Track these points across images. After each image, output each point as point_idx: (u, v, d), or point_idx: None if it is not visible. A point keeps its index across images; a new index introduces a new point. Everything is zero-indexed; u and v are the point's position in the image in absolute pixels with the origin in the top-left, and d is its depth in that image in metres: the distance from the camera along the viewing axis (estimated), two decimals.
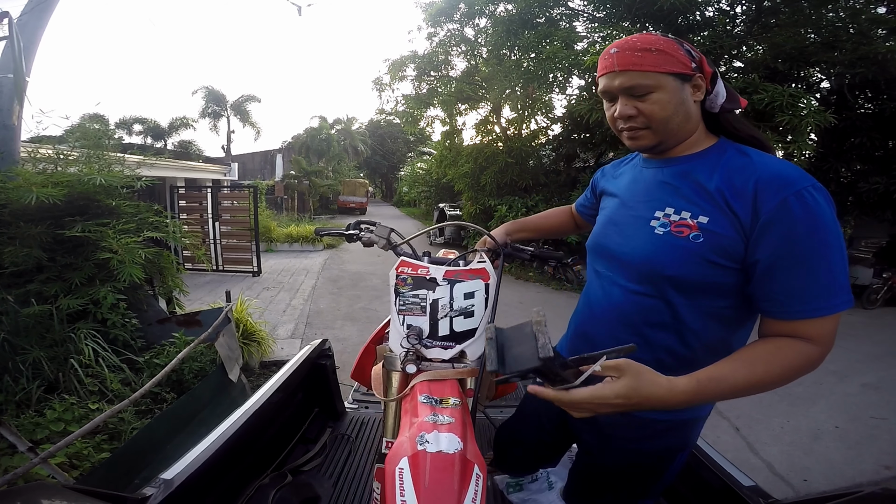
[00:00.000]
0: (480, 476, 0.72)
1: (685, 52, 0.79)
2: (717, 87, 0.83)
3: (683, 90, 0.79)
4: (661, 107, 0.78)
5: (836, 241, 0.68)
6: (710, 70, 0.81)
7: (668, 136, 0.81)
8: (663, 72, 0.77)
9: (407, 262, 1.10)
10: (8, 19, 2.85)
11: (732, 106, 0.84)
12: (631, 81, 0.78)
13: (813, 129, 6.50)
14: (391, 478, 0.70)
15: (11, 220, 2.61)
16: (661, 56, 0.77)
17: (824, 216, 0.68)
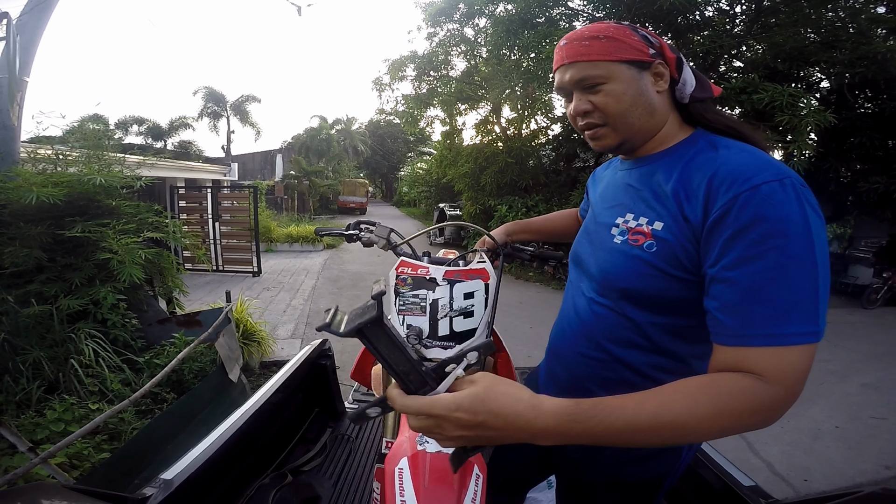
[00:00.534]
0: (480, 476, 0.72)
1: (640, 37, 0.71)
2: (684, 74, 0.73)
3: (641, 80, 0.70)
4: (616, 99, 0.70)
5: (804, 252, 0.54)
6: (672, 56, 0.72)
7: (630, 132, 0.73)
8: (614, 60, 0.69)
9: (407, 263, 1.10)
10: (6, 20, 2.85)
11: (703, 94, 0.74)
12: (580, 73, 0.71)
13: (813, 128, 6.50)
14: (391, 478, 0.70)
15: (11, 220, 2.61)
16: (611, 43, 0.70)
17: (789, 218, 0.54)
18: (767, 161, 0.60)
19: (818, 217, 0.57)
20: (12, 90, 3.06)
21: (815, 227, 0.55)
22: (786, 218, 0.54)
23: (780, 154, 7.43)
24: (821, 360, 4.73)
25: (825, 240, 0.57)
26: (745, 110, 7.11)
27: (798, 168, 6.54)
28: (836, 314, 7.12)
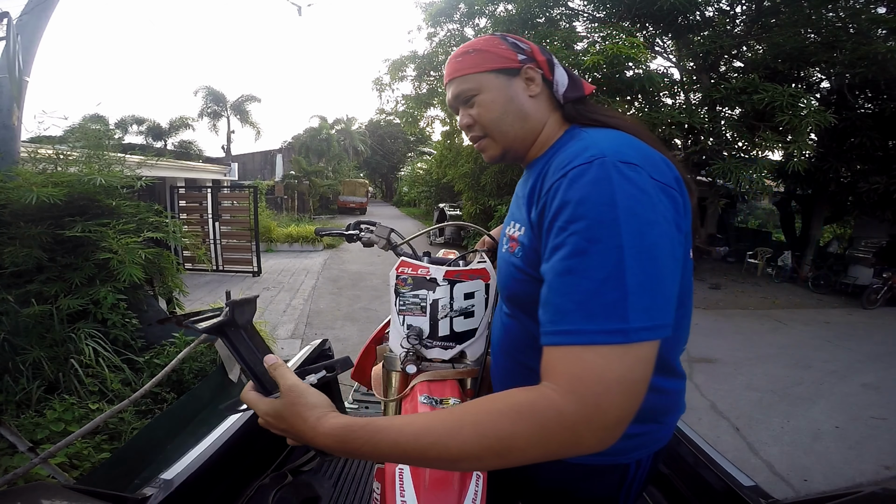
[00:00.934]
0: (480, 476, 0.72)
1: (509, 45, 0.72)
2: (556, 74, 0.73)
3: (511, 87, 0.70)
4: (487, 108, 0.71)
5: (608, 235, 0.47)
6: (543, 58, 0.72)
7: (507, 141, 0.72)
8: (482, 71, 0.70)
9: (407, 263, 1.10)
10: (7, 20, 2.85)
11: (576, 93, 0.72)
12: (457, 89, 0.73)
13: (813, 129, 6.51)
14: (391, 478, 0.70)
15: (11, 220, 2.61)
16: (479, 55, 0.71)
17: (590, 198, 0.49)
18: (593, 145, 0.55)
19: (639, 195, 0.49)
20: (13, 90, 3.07)
21: (627, 205, 0.48)
22: (587, 199, 0.49)
23: (779, 155, 7.44)
24: (821, 361, 4.73)
25: (651, 220, 0.48)
26: (745, 110, 7.12)
27: (798, 168, 6.57)
28: (836, 314, 7.13)
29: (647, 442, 0.69)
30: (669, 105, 7.88)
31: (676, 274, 0.52)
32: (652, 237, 0.48)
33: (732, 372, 4.36)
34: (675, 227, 0.53)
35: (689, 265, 0.63)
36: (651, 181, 0.52)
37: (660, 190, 0.52)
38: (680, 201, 0.56)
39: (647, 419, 0.67)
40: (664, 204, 0.52)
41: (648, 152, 0.57)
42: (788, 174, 7.92)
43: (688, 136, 7.73)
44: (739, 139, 7.28)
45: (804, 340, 5.55)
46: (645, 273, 0.46)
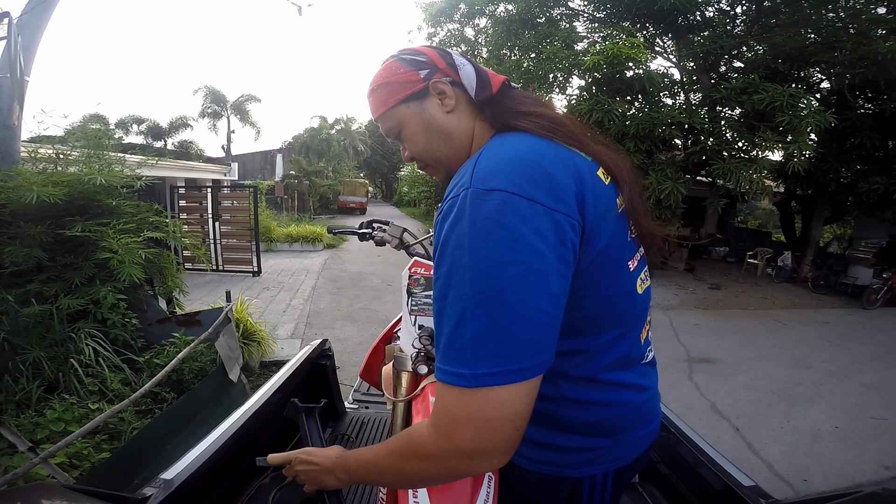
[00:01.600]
0: (492, 477, 0.72)
1: (407, 65, 0.67)
2: (462, 76, 0.67)
3: (424, 111, 0.67)
4: (412, 142, 0.69)
5: (460, 286, 0.48)
6: (444, 63, 0.67)
7: (444, 164, 0.70)
8: (392, 106, 0.68)
9: (420, 263, 1.10)
10: (7, 20, 2.85)
11: (485, 93, 0.67)
12: (383, 128, 0.71)
13: (813, 129, 6.51)
14: None
15: (11, 219, 2.61)
16: (384, 90, 0.68)
17: (455, 243, 0.49)
18: (471, 168, 0.53)
19: (493, 233, 0.48)
20: (14, 90, 3.06)
21: (476, 248, 0.48)
22: (447, 241, 0.50)
23: (779, 155, 7.45)
24: (821, 361, 4.73)
25: (504, 261, 0.47)
26: (745, 110, 7.13)
27: (798, 168, 6.57)
28: (836, 314, 7.13)
29: (600, 458, 0.66)
30: (669, 105, 7.88)
31: (543, 311, 0.48)
32: (503, 282, 0.47)
33: (732, 372, 4.36)
34: (550, 257, 0.49)
35: (626, 278, 0.61)
36: (519, 209, 0.48)
37: (531, 217, 0.48)
38: (568, 224, 0.51)
39: (593, 433, 0.65)
40: (532, 235, 0.48)
41: (537, 164, 0.53)
42: (788, 174, 7.92)
43: (688, 137, 7.72)
44: (739, 139, 7.28)
45: (804, 340, 5.55)
46: (491, 320, 0.46)
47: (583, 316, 0.58)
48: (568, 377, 0.62)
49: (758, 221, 18.62)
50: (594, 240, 0.54)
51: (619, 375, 0.65)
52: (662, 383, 0.75)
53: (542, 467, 0.67)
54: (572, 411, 0.63)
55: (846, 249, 10.01)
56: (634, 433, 0.68)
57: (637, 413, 0.68)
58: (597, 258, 0.55)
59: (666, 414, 1.26)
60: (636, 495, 1.25)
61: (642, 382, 0.69)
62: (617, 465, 0.68)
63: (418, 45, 0.72)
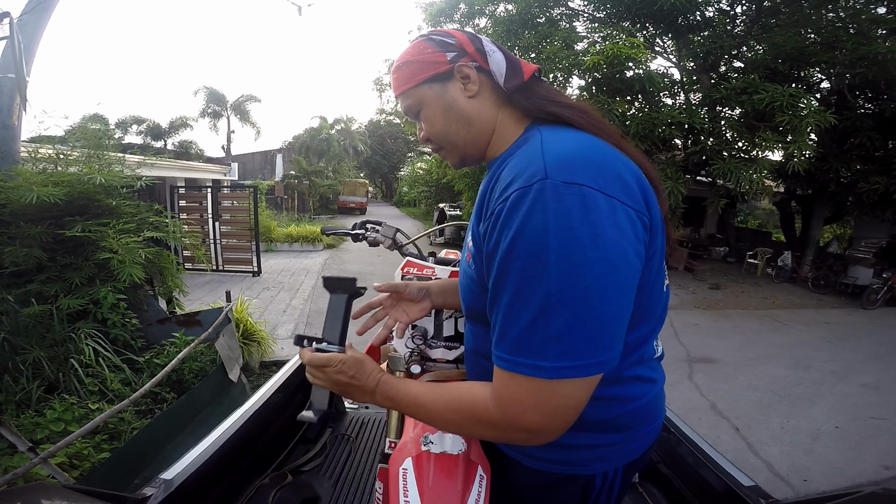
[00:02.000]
0: (484, 477, 0.72)
1: (436, 45, 0.67)
2: (491, 63, 0.66)
3: (446, 93, 0.66)
4: (431, 122, 0.69)
5: (539, 283, 0.48)
6: (474, 48, 0.66)
7: (459, 148, 0.70)
8: (415, 85, 0.67)
9: (413, 263, 1.10)
10: (9, 19, 2.85)
11: (516, 80, 0.66)
12: (403, 105, 0.71)
13: (813, 129, 6.51)
14: (395, 478, 0.70)
15: (11, 219, 2.61)
16: (409, 68, 0.67)
17: (532, 238, 0.48)
18: (538, 158, 0.52)
19: (578, 229, 0.47)
20: (17, 90, 3.06)
21: (560, 245, 0.47)
22: (522, 234, 0.49)
23: (779, 155, 7.44)
24: (821, 361, 4.73)
25: (588, 259, 0.47)
26: (745, 110, 7.13)
27: (798, 168, 6.57)
28: (836, 314, 7.13)
29: (611, 454, 0.67)
30: (669, 105, 7.88)
31: (621, 306, 0.50)
32: (586, 280, 0.47)
33: (732, 372, 4.36)
34: (629, 253, 0.50)
35: (660, 276, 0.61)
36: (600, 205, 0.48)
37: (610, 213, 0.49)
38: (639, 220, 0.52)
39: (605, 430, 0.65)
40: (613, 231, 0.49)
41: (605, 160, 0.53)
42: (788, 174, 7.92)
43: (688, 137, 7.72)
44: (739, 139, 7.28)
45: (804, 340, 5.55)
46: (574, 317, 0.48)
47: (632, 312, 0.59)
48: None
49: (758, 221, 18.63)
50: (655, 238, 0.56)
51: (639, 370, 0.66)
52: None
53: (552, 466, 0.67)
54: (588, 409, 0.62)
55: (846, 249, 10.01)
56: (644, 427, 0.68)
57: (649, 407, 0.68)
58: (654, 256, 0.57)
59: (666, 414, 1.26)
60: (636, 495, 1.25)
61: (655, 376, 0.70)
62: (626, 459, 0.69)
63: (450, 28, 0.71)
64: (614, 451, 0.67)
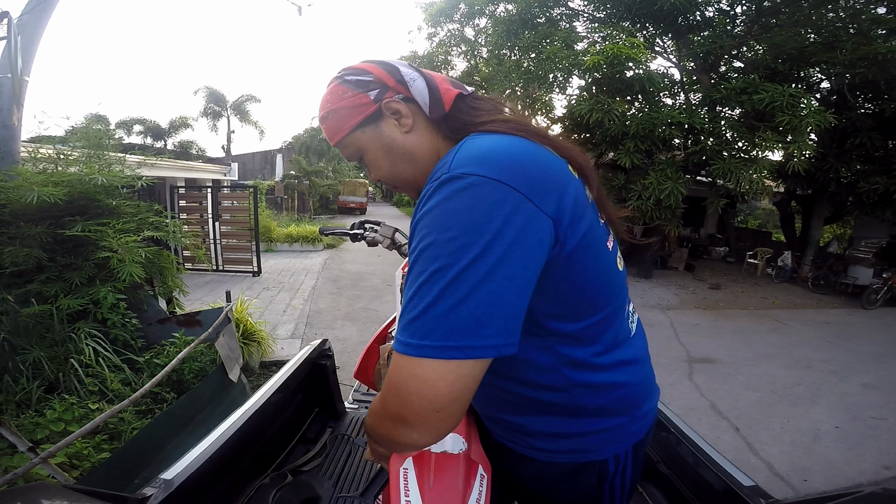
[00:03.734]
0: (485, 476, 0.72)
1: (354, 86, 0.64)
2: (414, 91, 0.64)
3: (382, 134, 0.64)
4: (376, 167, 0.67)
5: (423, 262, 0.48)
6: (394, 79, 0.64)
7: (413, 184, 0.68)
8: (347, 133, 0.65)
9: None
10: (7, 20, 2.85)
11: (438, 112, 0.64)
12: (343, 154, 0.69)
13: (813, 129, 6.51)
14: (395, 477, 0.70)
15: (11, 220, 2.61)
16: (335, 116, 0.65)
17: (427, 219, 0.50)
18: (446, 163, 0.52)
19: (459, 214, 0.48)
20: (13, 90, 3.06)
21: (439, 227, 0.48)
22: (418, 223, 0.51)
23: (779, 155, 7.44)
24: (821, 361, 4.73)
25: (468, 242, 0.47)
26: (745, 110, 7.13)
27: (798, 168, 6.57)
28: (836, 314, 7.13)
29: (618, 437, 0.68)
30: (669, 105, 7.88)
31: (498, 293, 0.47)
32: (462, 261, 0.47)
33: (732, 372, 4.36)
34: (515, 242, 0.48)
35: (601, 258, 0.60)
36: (488, 192, 0.48)
37: (499, 200, 0.48)
38: (542, 209, 0.50)
39: (608, 413, 0.66)
40: (497, 218, 0.48)
41: (511, 153, 0.52)
42: (788, 174, 7.92)
43: (688, 137, 7.72)
44: (739, 139, 7.28)
45: (804, 340, 5.55)
46: (443, 296, 0.47)
47: (579, 298, 0.59)
48: (574, 363, 0.62)
49: (758, 221, 18.62)
50: (576, 227, 0.55)
51: (620, 353, 0.66)
52: (662, 383, 0.75)
53: (563, 457, 0.68)
54: (587, 397, 0.64)
55: (846, 249, 10.01)
56: (644, 406, 0.70)
57: (643, 386, 0.70)
58: (581, 243, 0.55)
59: (666, 414, 1.26)
60: (636, 495, 1.25)
61: (638, 355, 0.70)
62: (633, 440, 0.70)
63: (362, 62, 0.68)
64: (619, 433, 0.68)
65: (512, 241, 0.48)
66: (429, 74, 0.67)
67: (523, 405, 0.67)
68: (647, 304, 7.14)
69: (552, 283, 0.55)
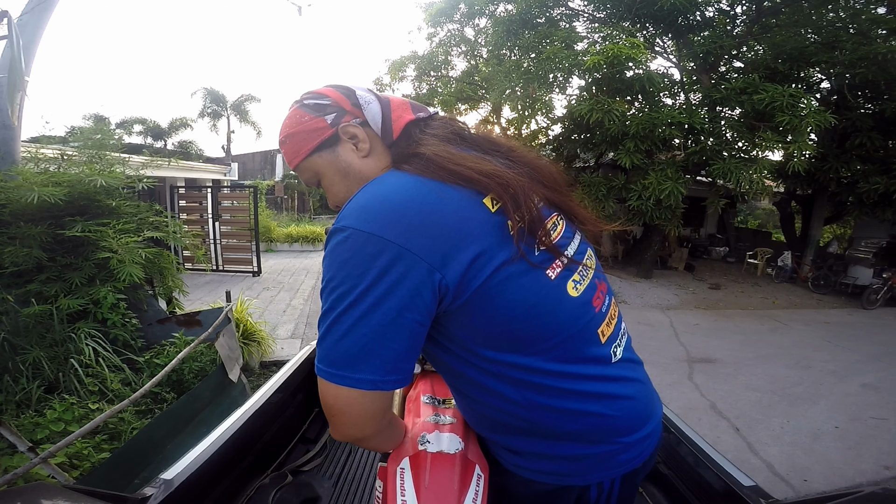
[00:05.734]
0: (482, 476, 0.72)
1: (311, 110, 0.66)
2: (368, 114, 0.66)
3: (338, 158, 0.66)
4: (333, 192, 0.69)
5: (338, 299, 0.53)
6: (350, 102, 0.65)
7: None
8: (304, 157, 0.67)
9: None
10: (7, 19, 2.85)
11: (387, 139, 0.66)
12: (302, 178, 0.72)
13: (813, 129, 6.51)
14: (392, 477, 0.71)
15: (12, 220, 2.61)
16: (293, 140, 0.66)
17: (325, 261, 0.55)
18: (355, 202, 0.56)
19: (339, 266, 0.53)
20: (13, 90, 3.06)
21: (328, 278, 0.55)
22: (322, 264, 0.57)
23: (779, 155, 7.44)
24: (821, 361, 4.73)
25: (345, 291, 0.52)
26: (745, 110, 7.12)
27: (798, 168, 6.57)
28: (836, 314, 7.13)
29: (602, 463, 0.65)
30: (670, 105, 7.88)
31: (365, 333, 0.52)
32: (352, 314, 0.52)
33: (732, 372, 4.36)
34: (380, 289, 0.51)
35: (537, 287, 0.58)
36: (358, 245, 0.52)
37: (371, 253, 0.51)
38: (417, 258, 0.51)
39: (586, 440, 0.64)
40: (388, 277, 0.51)
41: (395, 203, 0.53)
42: (788, 174, 7.92)
43: (688, 137, 7.72)
44: (739, 139, 7.28)
45: (804, 340, 5.55)
46: (333, 333, 0.53)
47: (505, 330, 0.57)
48: (533, 387, 0.61)
49: (758, 221, 18.62)
50: (484, 265, 0.54)
51: (589, 382, 0.63)
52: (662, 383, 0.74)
53: (545, 477, 0.66)
54: (553, 421, 0.62)
55: (846, 249, 10.00)
56: (631, 435, 0.66)
57: (627, 415, 0.66)
58: (486, 284, 0.55)
59: (666, 414, 1.25)
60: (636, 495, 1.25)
61: (620, 387, 0.66)
62: (623, 469, 0.67)
63: (323, 87, 0.68)
64: (606, 461, 0.65)
65: (385, 291, 0.51)
66: (387, 99, 0.68)
67: (501, 426, 0.67)
68: (648, 304, 7.14)
69: (468, 317, 0.56)
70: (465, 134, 0.67)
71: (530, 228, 0.58)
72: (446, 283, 0.53)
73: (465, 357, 0.61)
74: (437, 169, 0.58)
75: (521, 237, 0.57)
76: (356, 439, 0.59)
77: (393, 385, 0.54)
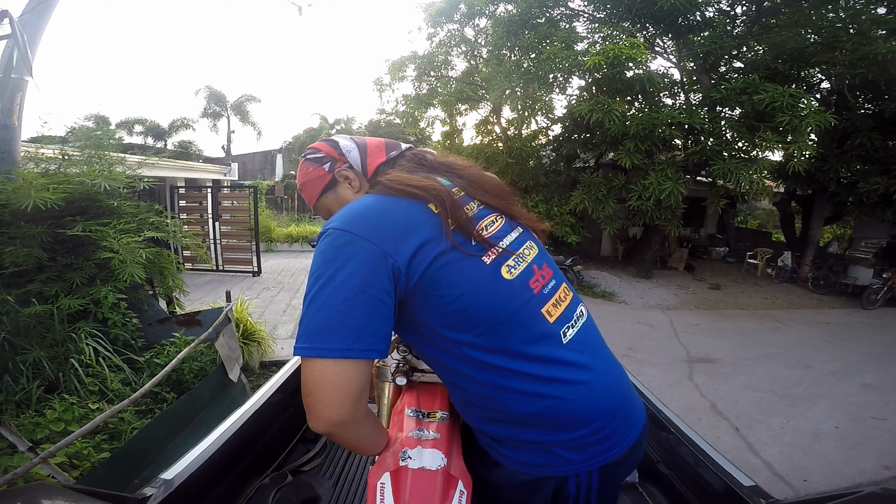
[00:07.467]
0: (465, 492, 0.71)
1: (313, 163, 0.84)
2: (352, 160, 0.84)
3: (339, 196, 0.83)
4: None
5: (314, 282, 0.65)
6: (337, 152, 0.83)
7: None
8: (318, 198, 0.85)
9: None
10: (9, 18, 2.85)
11: (365, 175, 0.84)
12: (319, 214, 0.87)
13: (813, 129, 6.51)
14: (372, 492, 0.71)
15: (12, 220, 2.61)
16: (308, 187, 0.85)
17: (314, 255, 0.68)
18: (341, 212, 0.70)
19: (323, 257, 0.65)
20: (12, 90, 3.06)
21: (313, 267, 0.66)
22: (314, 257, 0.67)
23: (779, 155, 7.44)
24: (821, 361, 4.73)
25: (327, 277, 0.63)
26: (745, 111, 7.13)
27: (798, 168, 6.57)
28: (836, 314, 7.13)
29: (577, 453, 0.69)
30: (670, 105, 7.88)
31: (344, 311, 0.62)
32: (326, 289, 0.63)
33: (732, 372, 4.36)
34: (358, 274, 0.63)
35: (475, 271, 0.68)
36: (339, 239, 0.65)
37: (348, 245, 0.64)
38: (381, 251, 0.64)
39: (553, 426, 0.68)
40: (345, 257, 0.64)
41: (365, 211, 0.68)
42: (788, 174, 7.92)
43: (688, 137, 7.72)
44: (739, 139, 7.28)
45: (804, 340, 5.55)
46: (316, 313, 0.62)
47: (455, 309, 0.67)
48: (489, 366, 0.68)
49: (758, 221, 18.61)
50: (426, 253, 0.66)
51: (537, 366, 0.69)
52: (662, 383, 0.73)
53: (525, 468, 0.71)
54: (513, 402, 0.69)
55: (846, 249, 10.00)
56: (594, 423, 0.70)
57: (584, 401, 0.70)
58: (434, 265, 0.66)
59: (666, 414, 1.26)
60: (636, 495, 1.25)
61: (567, 371, 0.70)
62: (599, 461, 0.71)
63: (317, 142, 0.88)
64: (577, 450, 0.69)
65: (350, 271, 0.63)
66: (364, 144, 0.85)
67: (479, 412, 0.73)
68: (648, 305, 7.14)
69: (424, 299, 0.67)
70: (425, 161, 0.84)
71: (462, 225, 0.71)
72: (398, 265, 0.65)
73: (434, 341, 0.70)
74: (390, 189, 0.74)
75: (458, 232, 0.70)
76: (332, 425, 0.63)
77: (359, 353, 0.61)
